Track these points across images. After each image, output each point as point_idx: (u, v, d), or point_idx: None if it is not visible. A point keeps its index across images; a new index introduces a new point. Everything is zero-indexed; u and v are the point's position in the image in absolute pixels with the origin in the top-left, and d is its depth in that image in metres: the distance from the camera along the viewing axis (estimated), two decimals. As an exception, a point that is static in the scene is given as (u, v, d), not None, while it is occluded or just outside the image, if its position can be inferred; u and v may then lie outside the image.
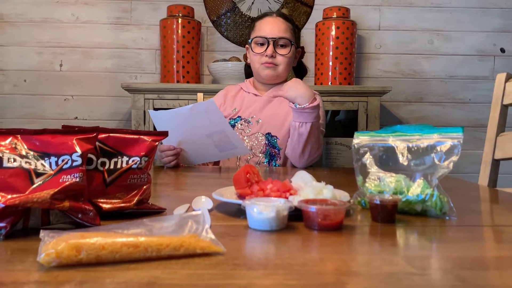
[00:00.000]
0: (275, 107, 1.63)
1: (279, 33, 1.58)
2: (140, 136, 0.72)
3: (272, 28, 1.60)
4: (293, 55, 1.65)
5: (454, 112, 2.56)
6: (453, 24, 2.54)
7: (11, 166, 0.56)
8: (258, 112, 1.63)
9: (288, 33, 1.60)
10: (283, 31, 1.59)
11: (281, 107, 1.62)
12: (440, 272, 0.46)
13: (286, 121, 1.59)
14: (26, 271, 0.44)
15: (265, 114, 1.62)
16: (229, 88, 1.77)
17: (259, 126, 1.61)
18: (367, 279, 0.43)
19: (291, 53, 1.62)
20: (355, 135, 0.83)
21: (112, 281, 0.42)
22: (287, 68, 1.64)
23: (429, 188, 0.70)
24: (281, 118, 1.60)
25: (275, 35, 1.58)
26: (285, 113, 1.60)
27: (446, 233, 0.64)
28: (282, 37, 1.58)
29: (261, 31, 1.61)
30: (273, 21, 1.62)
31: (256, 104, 1.65)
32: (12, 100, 2.49)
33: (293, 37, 1.63)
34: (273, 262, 0.48)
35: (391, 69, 2.55)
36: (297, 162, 1.52)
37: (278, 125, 1.60)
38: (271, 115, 1.62)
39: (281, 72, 1.63)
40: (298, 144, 1.46)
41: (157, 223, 0.56)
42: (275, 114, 1.61)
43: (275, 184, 0.75)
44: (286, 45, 1.60)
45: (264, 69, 1.61)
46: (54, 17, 2.47)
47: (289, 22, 1.63)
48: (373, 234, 0.62)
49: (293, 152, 1.49)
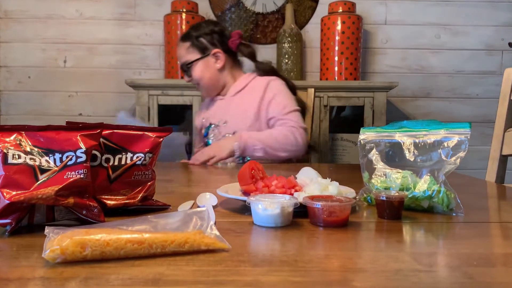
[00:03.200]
0: (237, 104, 1.63)
1: (182, 59, 1.67)
2: (144, 133, 0.72)
3: (177, 57, 1.73)
4: (203, 67, 1.65)
5: (461, 107, 2.54)
6: (460, 19, 2.51)
7: (15, 163, 0.56)
8: (224, 114, 1.64)
9: (185, 56, 1.65)
10: (183, 55, 1.66)
11: (243, 101, 1.62)
12: (447, 269, 0.46)
13: (248, 112, 1.59)
14: (31, 267, 0.44)
15: (230, 114, 1.63)
16: (204, 102, 1.83)
17: (227, 128, 1.61)
18: (373, 276, 0.43)
19: (198, 70, 1.64)
20: (361, 131, 0.82)
21: (117, 277, 0.41)
22: (207, 81, 1.66)
23: (436, 184, 0.69)
24: (243, 114, 1.60)
25: (181, 63, 1.69)
26: (247, 107, 1.60)
27: (453, 229, 0.64)
28: (181, 63, 1.68)
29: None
30: (177, 49, 1.72)
31: (221, 107, 1.67)
32: (16, 97, 2.50)
33: (193, 53, 1.64)
34: (278, 259, 0.48)
35: (397, 64, 2.53)
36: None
37: (242, 121, 1.59)
38: (234, 114, 1.62)
39: (207, 86, 1.68)
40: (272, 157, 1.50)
41: (161, 219, 0.55)
42: (238, 111, 1.61)
43: (280, 180, 0.75)
44: (191, 66, 1.65)
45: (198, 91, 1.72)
46: (58, 13, 2.47)
47: (186, 42, 1.65)
48: (379, 231, 0.61)
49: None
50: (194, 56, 1.64)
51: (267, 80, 1.63)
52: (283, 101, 1.58)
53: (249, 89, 1.64)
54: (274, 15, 2.49)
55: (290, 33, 2.30)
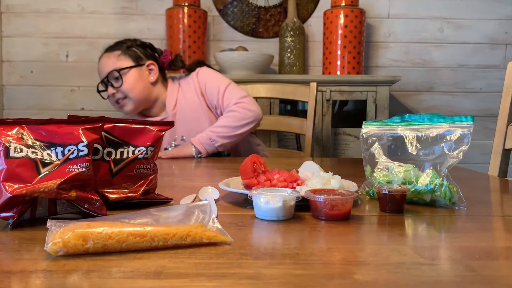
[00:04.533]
0: (184, 116, 1.59)
1: (105, 71, 1.54)
2: (146, 126, 0.72)
3: (101, 69, 1.57)
4: (137, 76, 1.56)
5: (464, 101, 2.53)
6: (464, 12, 2.49)
7: (17, 156, 0.56)
8: (176, 131, 1.59)
9: (115, 64, 1.54)
10: (108, 66, 1.54)
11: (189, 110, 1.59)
12: (449, 262, 0.45)
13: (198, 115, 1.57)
14: (33, 260, 0.44)
15: (181, 129, 1.59)
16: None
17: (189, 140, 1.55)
18: (375, 269, 0.43)
19: (131, 78, 1.54)
20: (363, 125, 0.82)
21: (119, 270, 0.42)
22: (138, 93, 1.55)
23: (438, 178, 0.69)
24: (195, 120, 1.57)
25: (103, 75, 1.55)
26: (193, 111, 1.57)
27: (455, 223, 0.64)
28: (108, 72, 1.54)
29: (99, 76, 1.59)
30: (100, 62, 1.58)
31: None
32: (18, 91, 2.50)
33: (125, 61, 1.55)
34: (280, 252, 0.48)
35: (400, 58, 2.51)
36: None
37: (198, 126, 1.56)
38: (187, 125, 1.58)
39: (136, 99, 1.56)
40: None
41: (163, 213, 0.56)
42: (189, 120, 1.58)
43: (282, 174, 0.75)
44: (118, 76, 1.53)
45: (121, 109, 1.58)
46: (60, 8, 2.47)
47: (115, 50, 1.57)
48: (381, 224, 0.61)
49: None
50: (126, 63, 1.55)
51: (193, 75, 1.61)
52: (215, 83, 1.56)
53: (183, 93, 1.61)
54: (276, 9, 2.48)
55: (293, 27, 2.29)
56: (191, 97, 1.59)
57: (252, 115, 1.50)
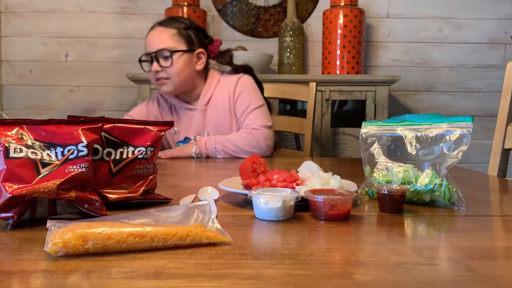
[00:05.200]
0: (214, 113, 1.58)
1: (157, 45, 1.49)
2: (145, 126, 0.72)
3: (151, 41, 1.51)
4: (187, 61, 1.52)
5: (464, 101, 2.53)
6: (463, 12, 2.50)
7: (17, 157, 0.56)
8: (202, 126, 1.58)
9: (168, 42, 1.49)
10: (161, 42, 1.49)
11: (220, 110, 1.57)
12: (449, 262, 0.46)
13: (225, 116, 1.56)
14: (33, 261, 0.44)
15: (209, 125, 1.58)
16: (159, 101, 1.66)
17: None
18: (374, 269, 0.43)
19: (180, 62, 1.50)
20: (363, 125, 0.82)
21: (119, 270, 0.42)
22: (182, 78, 1.52)
23: (437, 178, 0.69)
24: (226, 120, 1.56)
25: (154, 49, 1.50)
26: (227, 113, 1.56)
27: (454, 223, 0.64)
28: (159, 49, 1.49)
29: (146, 48, 1.54)
30: (152, 34, 1.53)
31: (196, 119, 1.58)
32: (18, 91, 2.50)
33: (180, 43, 1.51)
34: (279, 252, 0.48)
35: (400, 57, 2.52)
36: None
37: (223, 127, 1.56)
38: (215, 123, 1.57)
39: (177, 84, 1.52)
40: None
41: (163, 213, 0.56)
42: (218, 120, 1.57)
43: (282, 174, 0.75)
44: (167, 57, 1.49)
45: (160, 86, 1.54)
46: (59, 7, 2.47)
47: (172, 28, 1.51)
48: (381, 224, 0.61)
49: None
50: (180, 46, 1.51)
51: (234, 78, 1.58)
52: (249, 98, 1.54)
53: (219, 91, 1.58)
54: (276, 9, 2.48)
55: (292, 27, 2.29)
56: (224, 98, 1.57)
57: (263, 148, 1.48)
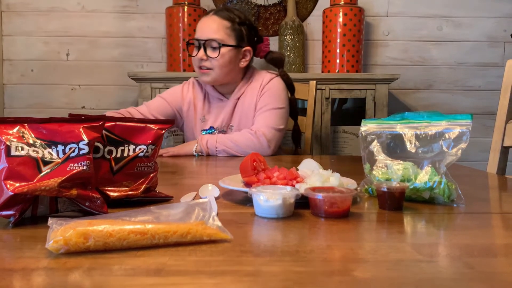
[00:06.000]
0: (242, 108, 1.57)
1: (208, 34, 1.47)
2: (146, 125, 0.72)
3: (203, 28, 1.49)
4: (233, 57, 1.51)
5: (463, 99, 2.53)
6: (462, 10, 2.49)
7: (19, 155, 0.57)
8: (229, 118, 1.58)
9: (220, 34, 1.47)
10: (214, 31, 1.47)
11: (247, 105, 1.57)
12: (448, 259, 0.46)
13: (251, 112, 1.55)
14: (35, 258, 0.44)
15: (235, 118, 1.58)
16: (194, 87, 1.64)
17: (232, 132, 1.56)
18: (374, 266, 0.43)
19: (226, 56, 1.49)
20: (362, 123, 0.82)
21: (120, 268, 0.42)
22: (225, 72, 1.51)
23: (437, 175, 0.70)
24: (250, 116, 1.56)
25: (204, 37, 1.48)
26: (252, 110, 1.55)
27: (454, 220, 0.64)
28: (209, 38, 1.47)
29: (196, 32, 1.52)
30: (205, 20, 1.51)
31: (225, 110, 1.58)
32: (19, 90, 2.50)
33: (230, 37, 1.49)
34: (280, 249, 0.48)
35: (399, 56, 2.52)
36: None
37: (247, 123, 1.55)
38: (240, 118, 1.57)
39: (217, 76, 1.50)
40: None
41: (164, 210, 0.56)
42: (244, 116, 1.56)
43: (282, 172, 0.75)
44: (215, 48, 1.48)
45: (200, 74, 1.53)
46: (60, 6, 2.47)
47: (226, 20, 1.49)
48: (380, 222, 0.62)
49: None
50: (230, 40, 1.49)
51: (266, 77, 1.57)
52: (270, 98, 1.53)
53: (252, 87, 1.58)
54: (276, 7, 2.47)
55: (292, 26, 2.29)
56: (253, 95, 1.56)
57: (264, 150, 1.46)
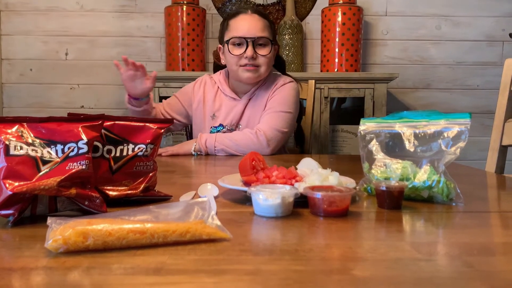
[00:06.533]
0: (252, 107, 1.57)
1: (257, 32, 1.48)
2: (145, 124, 0.72)
3: (250, 27, 1.49)
4: (273, 55, 1.56)
5: (462, 98, 2.54)
6: (461, 9, 2.50)
7: (17, 154, 0.57)
8: (238, 117, 1.58)
9: (266, 32, 1.50)
10: (261, 29, 1.49)
11: (257, 106, 1.57)
12: (447, 258, 0.46)
13: (259, 114, 1.55)
14: (34, 257, 0.44)
15: (244, 118, 1.58)
16: (206, 84, 1.64)
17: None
18: (373, 264, 0.43)
19: (271, 54, 1.52)
20: (361, 122, 0.82)
21: (119, 267, 0.42)
22: (269, 68, 1.54)
23: (435, 174, 0.70)
24: (258, 117, 1.55)
25: (253, 35, 1.48)
26: (261, 111, 1.55)
27: (452, 219, 0.64)
28: (261, 36, 1.48)
29: (237, 30, 1.50)
30: (249, 19, 1.50)
31: (236, 109, 1.57)
32: (18, 89, 2.50)
33: (272, 35, 1.53)
34: (279, 248, 0.48)
35: (398, 55, 2.52)
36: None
37: (256, 124, 1.54)
38: (249, 118, 1.57)
39: (263, 73, 1.53)
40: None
41: (163, 209, 0.56)
42: (252, 116, 1.56)
43: (281, 171, 0.75)
44: (266, 44, 1.50)
45: (244, 72, 1.51)
46: (59, 6, 2.46)
47: (265, 19, 1.53)
48: (379, 220, 0.62)
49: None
50: (271, 37, 1.53)
51: (283, 81, 1.57)
52: (279, 100, 1.53)
53: (264, 88, 1.58)
54: (274, 7, 2.47)
55: (291, 25, 2.29)
56: (265, 96, 1.56)
57: (263, 149, 1.45)
